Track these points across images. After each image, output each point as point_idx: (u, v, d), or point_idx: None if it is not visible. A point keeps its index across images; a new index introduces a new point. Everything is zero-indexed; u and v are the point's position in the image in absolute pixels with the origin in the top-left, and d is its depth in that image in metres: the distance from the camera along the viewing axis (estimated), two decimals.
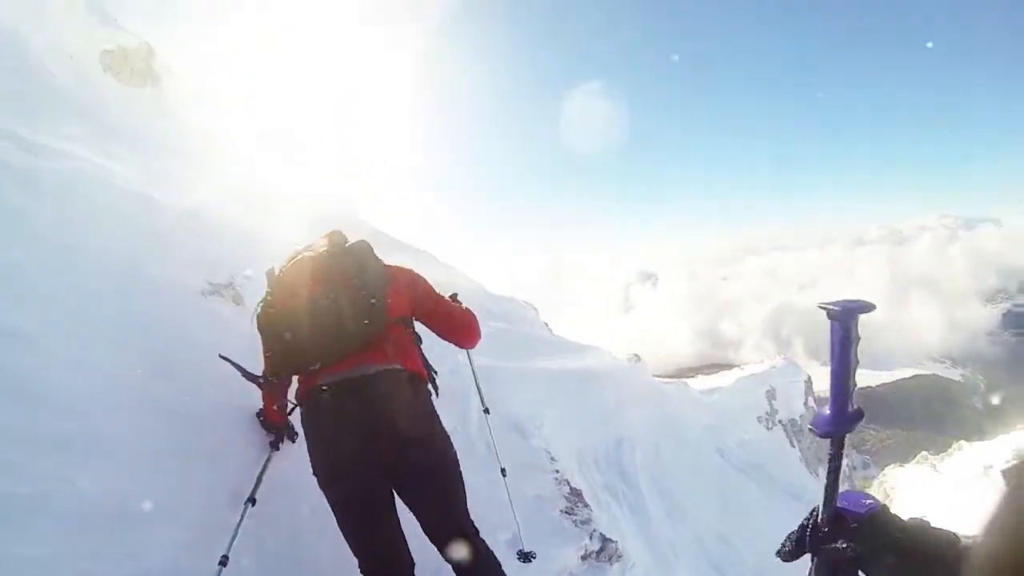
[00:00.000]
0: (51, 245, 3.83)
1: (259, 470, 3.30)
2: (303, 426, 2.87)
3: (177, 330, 3.97)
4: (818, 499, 1.22)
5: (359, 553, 2.73)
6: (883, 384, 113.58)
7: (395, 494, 2.80)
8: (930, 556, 1.05)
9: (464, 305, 3.43)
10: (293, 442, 3.61)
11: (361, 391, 2.71)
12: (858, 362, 1.18)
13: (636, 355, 14.96)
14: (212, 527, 2.96)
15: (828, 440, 1.21)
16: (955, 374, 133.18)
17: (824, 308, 1.16)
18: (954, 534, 1.06)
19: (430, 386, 3.10)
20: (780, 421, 21.14)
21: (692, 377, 24.57)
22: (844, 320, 1.13)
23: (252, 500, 3.11)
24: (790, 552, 1.22)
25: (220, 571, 2.69)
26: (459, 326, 3.26)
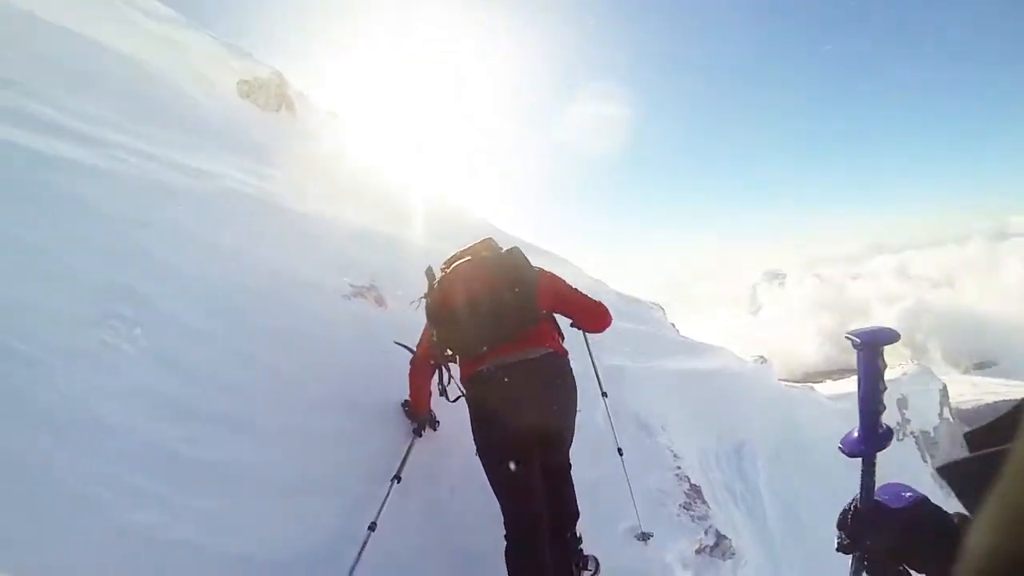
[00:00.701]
0: (217, 252, 4.50)
1: (404, 453, 3.69)
2: (474, 403, 3.32)
3: (326, 329, 4.47)
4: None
5: (514, 515, 3.13)
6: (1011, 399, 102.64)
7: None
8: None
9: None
10: (435, 430, 4.04)
11: (532, 371, 3.19)
12: (885, 387, 1.23)
13: (762, 357, 14.52)
14: (361, 500, 3.35)
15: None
16: None
17: (849, 339, 1.20)
18: None
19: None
20: (912, 432, 19.55)
21: (820, 382, 23.27)
22: (868, 351, 1.17)
23: (398, 478, 3.49)
24: (843, 546, 1.24)
25: (369, 536, 3.06)
26: (595, 314, 3.68)
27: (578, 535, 3.53)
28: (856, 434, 1.26)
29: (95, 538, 2.46)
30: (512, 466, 3.08)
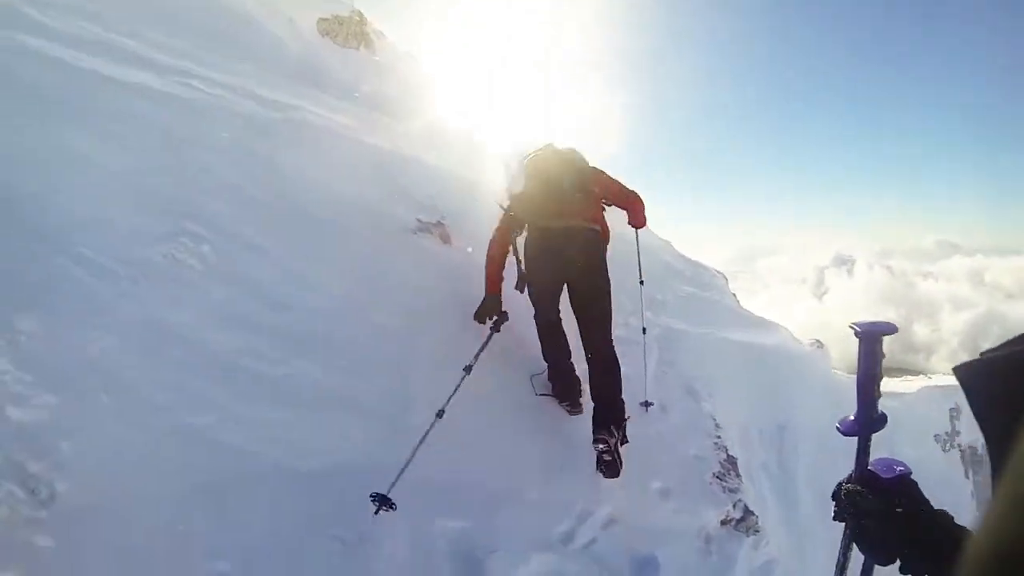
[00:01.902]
0: (290, 181, 4.62)
1: (479, 347, 3.92)
2: (526, 252, 4.37)
3: (390, 261, 4.56)
4: None
5: (538, 318, 4.39)
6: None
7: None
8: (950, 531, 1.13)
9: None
10: (506, 320, 4.33)
11: (570, 235, 4.18)
12: (881, 375, 1.33)
13: (819, 341, 14.14)
14: (409, 428, 3.38)
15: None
16: None
17: (852, 328, 1.30)
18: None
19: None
20: (959, 445, 18.66)
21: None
22: (868, 340, 1.28)
23: (469, 369, 3.69)
24: (837, 515, 1.31)
25: (436, 421, 3.25)
26: (630, 199, 4.47)
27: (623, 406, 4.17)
28: (852, 417, 1.35)
29: (150, 435, 2.61)
30: (539, 292, 4.33)
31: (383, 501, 2.92)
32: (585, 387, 4.31)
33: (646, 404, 4.97)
